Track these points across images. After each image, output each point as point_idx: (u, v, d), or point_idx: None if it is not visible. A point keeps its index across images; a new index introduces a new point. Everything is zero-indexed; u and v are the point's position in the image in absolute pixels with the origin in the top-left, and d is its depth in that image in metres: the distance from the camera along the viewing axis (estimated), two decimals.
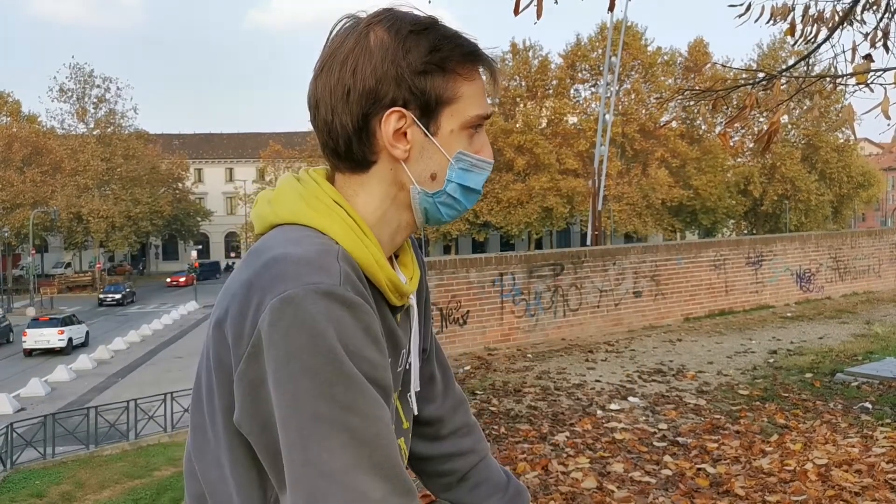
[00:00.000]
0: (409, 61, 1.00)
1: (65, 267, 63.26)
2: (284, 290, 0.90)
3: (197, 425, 1.04)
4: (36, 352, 31.43)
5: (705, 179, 50.81)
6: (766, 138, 4.67)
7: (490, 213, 49.56)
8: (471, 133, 1.06)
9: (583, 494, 4.39)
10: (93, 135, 55.25)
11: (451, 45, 1.03)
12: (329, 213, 1.03)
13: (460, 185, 1.06)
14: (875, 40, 5.03)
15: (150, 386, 23.15)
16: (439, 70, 1.02)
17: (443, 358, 1.36)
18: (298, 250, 0.95)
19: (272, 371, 0.89)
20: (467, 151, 1.06)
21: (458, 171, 1.05)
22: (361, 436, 0.88)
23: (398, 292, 1.07)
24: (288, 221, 1.04)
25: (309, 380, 0.87)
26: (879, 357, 8.35)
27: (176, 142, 70.38)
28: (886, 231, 16.78)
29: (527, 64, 51.80)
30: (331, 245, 0.99)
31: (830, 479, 4.60)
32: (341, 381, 0.88)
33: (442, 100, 1.02)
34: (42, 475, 15.21)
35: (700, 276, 12.32)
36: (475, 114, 1.05)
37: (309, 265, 0.92)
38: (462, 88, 1.03)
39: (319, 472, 0.87)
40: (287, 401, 0.88)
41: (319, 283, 0.90)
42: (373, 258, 1.02)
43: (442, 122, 1.04)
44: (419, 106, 1.02)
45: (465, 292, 9.74)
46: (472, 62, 1.05)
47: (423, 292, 1.28)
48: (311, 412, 0.87)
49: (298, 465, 0.88)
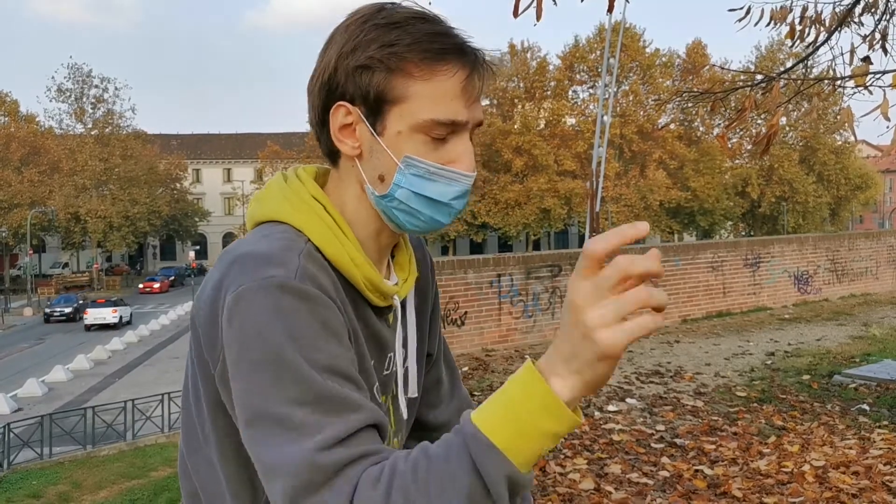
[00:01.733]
0: (354, 56, 0.97)
1: (62, 267, 63.15)
2: (240, 286, 0.90)
3: (187, 424, 1.04)
4: (94, 327, 38.28)
5: (703, 181, 50.83)
6: (765, 141, 4.67)
7: (488, 214, 49.53)
8: (432, 138, 0.97)
9: (580, 495, 4.39)
10: (91, 135, 55.15)
11: (408, 41, 0.95)
12: (307, 209, 1.02)
13: (414, 193, 0.99)
14: (873, 42, 5.04)
15: (147, 386, 23.12)
16: (384, 67, 0.96)
17: (451, 361, 1.34)
18: (262, 247, 0.95)
19: (229, 367, 0.91)
20: (419, 157, 0.98)
21: (411, 177, 0.98)
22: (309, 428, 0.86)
23: (378, 292, 1.05)
24: (270, 219, 1.04)
25: (258, 374, 0.87)
26: (877, 359, 8.36)
27: (174, 142, 70.32)
28: (884, 233, 16.80)
29: (525, 65, 51.78)
30: (298, 241, 0.98)
31: (828, 481, 4.60)
32: (288, 374, 0.87)
33: (386, 99, 0.97)
34: (39, 475, 15.18)
35: (698, 277, 12.33)
36: (429, 118, 0.96)
37: (267, 260, 0.92)
38: (413, 88, 0.96)
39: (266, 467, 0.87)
40: (240, 396, 0.89)
41: (272, 276, 0.90)
42: (348, 256, 1.01)
43: (389, 123, 0.98)
44: (364, 103, 0.98)
45: (462, 293, 9.74)
46: (431, 61, 0.96)
47: (429, 295, 1.26)
48: (259, 407, 0.87)
49: (255, 460, 0.89)
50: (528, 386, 0.81)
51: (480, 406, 0.85)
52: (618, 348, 0.76)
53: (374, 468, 0.85)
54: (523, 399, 0.81)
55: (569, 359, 0.79)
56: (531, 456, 0.81)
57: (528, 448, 0.81)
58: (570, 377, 0.80)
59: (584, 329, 0.77)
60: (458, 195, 1.01)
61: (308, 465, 0.84)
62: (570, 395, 0.80)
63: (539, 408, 0.80)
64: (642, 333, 0.76)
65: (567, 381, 0.80)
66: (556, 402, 0.80)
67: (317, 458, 0.84)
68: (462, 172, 1.00)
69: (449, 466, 0.82)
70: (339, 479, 0.84)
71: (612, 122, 27.63)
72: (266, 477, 0.87)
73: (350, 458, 0.85)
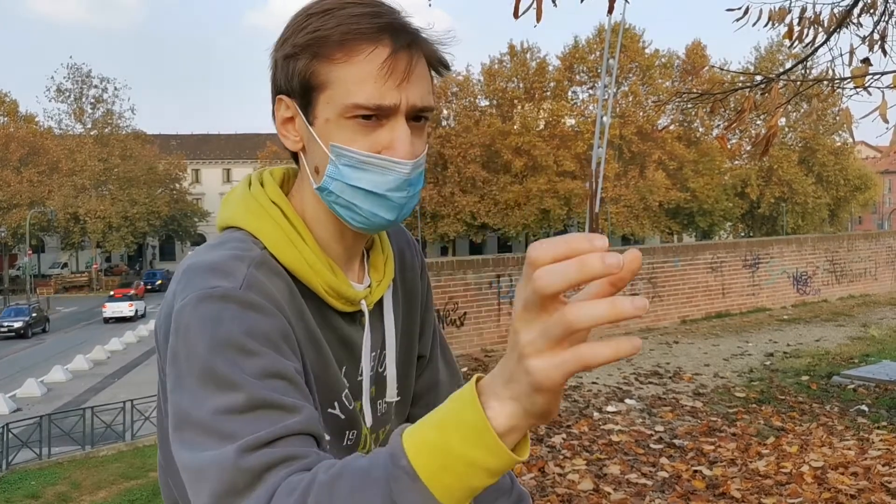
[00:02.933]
0: (284, 46, 0.95)
1: (61, 267, 63.12)
2: (185, 297, 0.88)
3: (162, 435, 1.03)
4: (111, 320, 40.82)
5: (702, 182, 50.85)
6: (765, 142, 4.67)
7: (487, 215, 49.54)
8: (361, 124, 0.92)
9: (579, 496, 4.39)
10: (90, 135, 55.12)
11: (331, 25, 0.92)
12: (263, 214, 0.99)
13: (347, 185, 0.95)
14: (872, 43, 5.04)
15: (146, 386, 23.08)
16: (308, 53, 0.93)
17: (451, 362, 1.30)
18: (210, 257, 0.93)
19: (167, 377, 0.89)
20: (345, 145, 0.93)
21: (342, 167, 0.94)
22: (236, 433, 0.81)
23: (341, 298, 1.01)
24: (228, 225, 1.02)
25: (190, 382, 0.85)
26: (876, 360, 8.37)
27: (173, 142, 70.27)
28: (883, 234, 16.82)
29: (525, 66, 51.78)
30: (249, 249, 0.95)
31: (826, 482, 4.60)
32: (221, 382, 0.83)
33: (312, 85, 0.94)
34: (38, 476, 15.15)
35: (697, 278, 12.33)
36: (350, 102, 0.91)
37: (213, 271, 0.90)
38: (335, 73, 0.92)
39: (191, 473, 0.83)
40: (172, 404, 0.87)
41: (216, 286, 0.88)
42: (305, 262, 0.98)
43: (318, 111, 0.94)
44: (296, 93, 0.95)
45: (462, 294, 9.75)
46: (352, 43, 0.91)
47: (418, 295, 1.21)
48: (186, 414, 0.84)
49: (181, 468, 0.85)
50: (463, 406, 0.69)
51: (420, 421, 0.73)
52: (553, 382, 0.62)
53: (294, 477, 0.77)
54: (456, 422, 0.68)
55: (508, 381, 0.66)
56: (458, 491, 0.68)
57: (453, 482, 0.68)
58: (508, 403, 0.67)
59: (519, 351, 0.64)
60: (394, 186, 0.94)
61: (230, 468, 0.78)
62: (507, 424, 0.67)
63: (470, 434, 0.67)
64: (577, 367, 0.61)
65: (505, 408, 0.67)
66: (488, 431, 0.66)
67: (239, 461, 0.78)
68: (395, 160, 0.93)
69: (366, 486, 0.72)
70: (260, 483, 0.77)
71: (611, 122, 27.64)
72: (191, 484, 0.83)
73: (272, 462, 0.78)
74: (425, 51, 0.96)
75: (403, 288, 1.18)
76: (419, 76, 0.94)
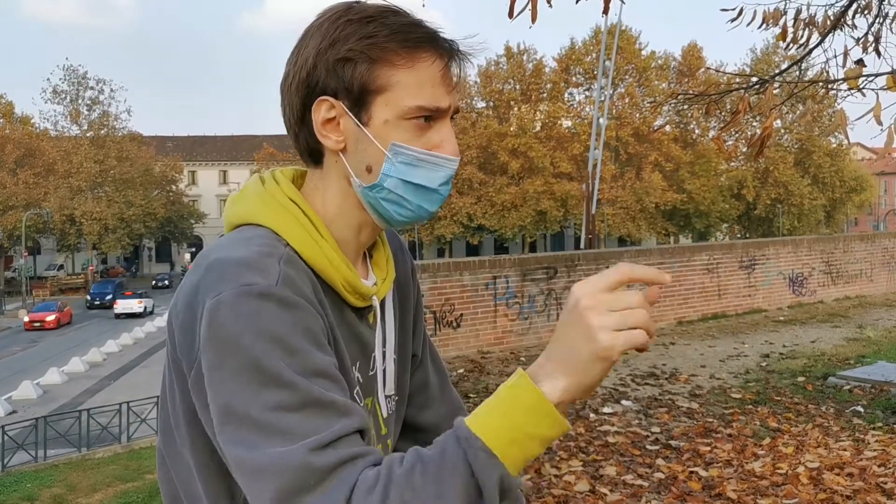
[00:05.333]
0: (334, 49, 0.98)
1: (57, 269, 62.99)
2: (219, 293, 0.89)
3: (165, 428, 1.04)
4: (122, 316, 43.27)
5: (699, 183, 50.92)
6: (759, 143, 4.69)
7: (484, 217, 49.56)
8: (417, 125, 0.99)
9: (575, 497, 4.39)
10: (86, 137, 55.01)
11: (387, 32, 0.98)
12: (283, 212, 1.02)
13: (402, 181, 1.01)
14: (867, 45, 5.06)
15: (142, 388, 23.02)
16: (365, 58, 0.97)
17: (439, 362, 1.33)
18: (239, 252, 0.94)
19: (206, 372, 0.90)
20: (406, 144, 0.99)
21: (399, 165, 1.00)
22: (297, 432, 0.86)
23: (357, 293, 1.05)
24: (246, 222, 1.04)
25: (239, 381, 0.87)
26: (871, 361, 8.39)
27: (169, 144, 70.15)
28: (878, 235, 16.86)
29: (521, 67, 51.83)
30: (276, 246, 0.97)
31: (822, 483, 4.61)
32: (271, 380, 0.86)
33: (370, 89, 0.98)
34: (33, 478, 15.11)
35: (693, 279, 12.34)
36: (414, 104, 0.98)
37: (247, 267, 0.92)
38: (396, 77, 0.98)
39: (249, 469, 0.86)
40: (218, 401, 0.88)
41: (254, 283, 0.90)
42: (326, 259, 1.01)
43: (374, 112, 0.99)
44: (348, 95, 0.99)
45: (458, 295, 9.74)
46: (411, 49, 0.98)
47: (411, 294, 1.25)
48: (240, 412, 0.87)
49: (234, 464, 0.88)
50: (519, 391, 0.85)
51: (475, 411, 0.88)
52: (615, 350, 0.82)
53: (368, 473, 0.85)
54: (516, 404, 0.85)
55: (564, 360, 0.85)
56: (521, 460, 0.85)
57: (519, 452, 0.84)
58: (562, 379, 0.85)
59: (587, 328, 0.83)
60: (444, 180, 1.03)
61: (300, 467, 0.84)
62: (561, 398, 0.85)
63: (531, 412, 0.84)
64: (633, 346, 0.83)
65: (559, 384, 0.85)
66: (548, 406, 0.84)
67: (309, 459, 0.84)
68: (447, 157, 1.02)
69: (444, 471, 0.83)
70: (332, 481, 0.84)
71: (607, 124, 27.72)
72: (249, 479, 0.86)
73: (341, 461, 0.85)
74: (463, 61, 1.04)
75: (398, 286, 1.21)
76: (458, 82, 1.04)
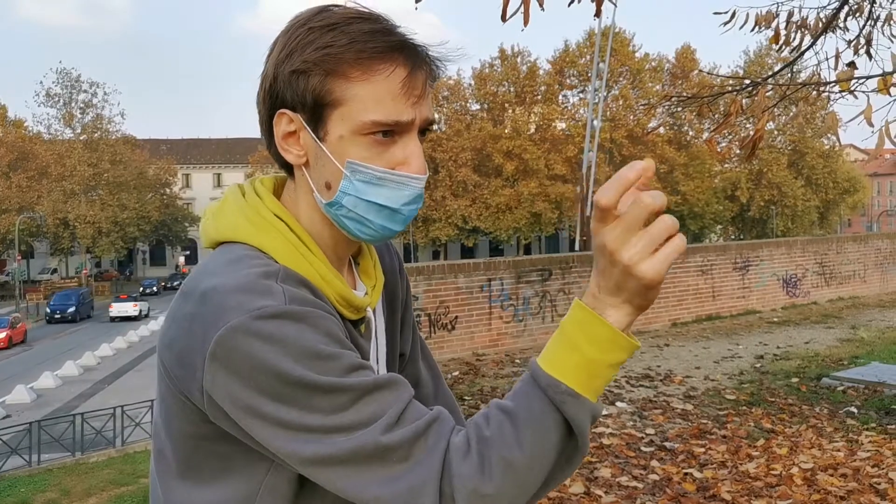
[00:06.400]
0: (290, 61, 0.94)
1: (51, 273, 62.72)
2: (228, 321, 0.86)
3: (158, 448, 1.03)
4: (117, 319, 43.14)
5: (693, 185, 51.03)
6: (751, 145, 4.70)
7: (479, 219, 49.55)
8: (376, 140, 0.94)
9: (570, 499, 4.39)
10: (80, 140, 54.81)
11: (344, 42, 0.92)
12: (269, 229, 0.98)
13: (362, 200, 0.95)
14: (858, 47, 5.08)
15: (136, 392, 22.97)
16: (320, 70, 0.92)
17: (432, 362, 1.31)
18: (234, 277, 0.90)
19: (244, 404, 0.87)
20: (364, 161, 0.94)
21: (357, 183, 0.95)
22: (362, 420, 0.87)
23: (351, 307, 1.02)
24: (228, 239, 0.99)
25: (283, 404, 0.86)
26: (865, 362, 8.41)
27: (163, 147, 69.96)
28: (872, 236, 16.91)
29: (515, 69, 51.86)
30: (269, 265, 0.94)
31: (816, 484, 4.62)
32: (315, 391, 0.86)
33: (325, 102, 0.93)
34: (27, 483, 15.05)
35: (687, 281, 12.37)
36: (369, 119, 0.92)
37: (250, 292, 0.88)
38: (353, 90, 0.93)
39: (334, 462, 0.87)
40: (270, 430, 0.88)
41: (264, 306, 0.87)
42: (318, 275, 0.98)
43: (330, 128, 0.94)
44: (304, 108, 0.95)
45: (453, 298, 9.74)
46: (367, 60, 0.92)
47: (398, 294, 1.23)
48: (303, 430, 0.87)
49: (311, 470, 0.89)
50: (588, 325, 0.88)
51: (545, 353, 0.90)
52: (660, 275, 0.84)
53: (456, 439, 0.88)
54: (588, 339, 0.87)
55: (616, 292, 0.87)
56: (602, 388, 0.89)
57: (600, 382, 0.89)
58: (622, 307, 0.87)
59: (624, 267, 0.84)
60: (408, 200, 0.97)
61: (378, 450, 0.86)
62: (626, 323, 0.88)
63: (605, 343, 0.87)
64: (676, 255, 0.85)
65: (621, 311, 0.87)
66: (619, 335, 0.87)
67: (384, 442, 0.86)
68: (411, 175, 0.95)
69: (535, 422, 0.87)
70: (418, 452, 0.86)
71: (602, 126, 27.71)
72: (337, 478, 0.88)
73: (417, 433, 0.87)
74: (432, 69, 0.98)
75: (386, 290, 1.19)
76: (428, 92, 0.97)
